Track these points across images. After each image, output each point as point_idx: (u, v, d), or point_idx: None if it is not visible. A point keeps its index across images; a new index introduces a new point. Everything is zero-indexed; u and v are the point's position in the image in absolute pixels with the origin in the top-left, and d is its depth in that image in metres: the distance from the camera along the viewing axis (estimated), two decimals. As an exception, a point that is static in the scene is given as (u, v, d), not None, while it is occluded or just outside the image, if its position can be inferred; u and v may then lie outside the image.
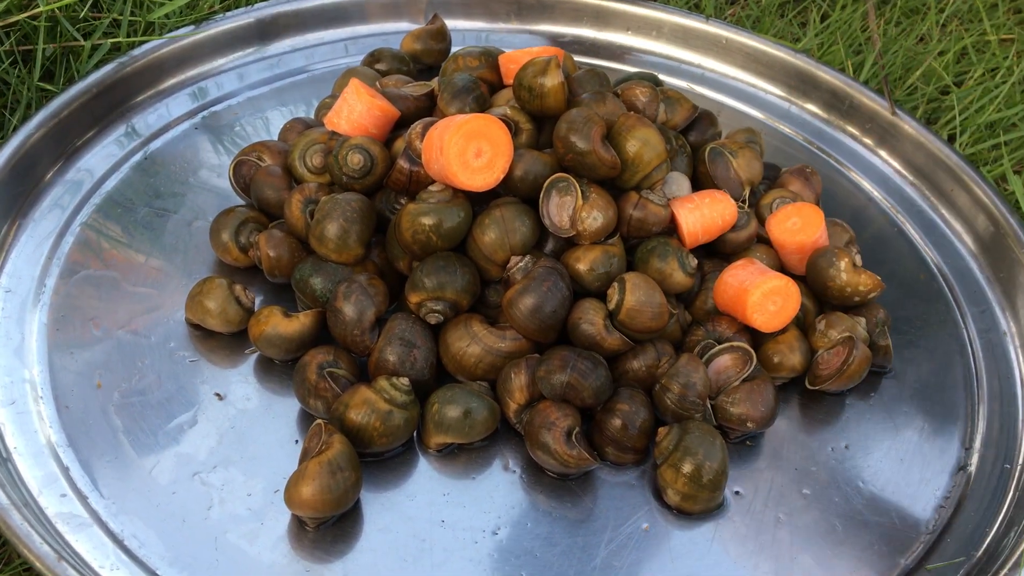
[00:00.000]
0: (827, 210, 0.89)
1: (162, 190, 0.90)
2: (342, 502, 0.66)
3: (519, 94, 0.81)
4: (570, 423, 0.70)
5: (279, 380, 0.77)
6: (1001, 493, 0.76)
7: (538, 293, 0.72)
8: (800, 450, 0.77)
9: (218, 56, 1.03)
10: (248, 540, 0.67)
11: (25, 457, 0.70)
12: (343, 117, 0.83)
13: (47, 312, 0.79)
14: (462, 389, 0.72)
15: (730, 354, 0.77)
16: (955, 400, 0.82)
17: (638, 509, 0.71)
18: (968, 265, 0.94)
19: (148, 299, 0.81)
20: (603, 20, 1.13)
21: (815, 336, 0.80)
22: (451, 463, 0.73)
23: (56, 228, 0.85)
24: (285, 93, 1.02)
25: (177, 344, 0.78)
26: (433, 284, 0.73)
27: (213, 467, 0.71)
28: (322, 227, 0.76)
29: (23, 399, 0.73)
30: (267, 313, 0.76)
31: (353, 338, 0.74)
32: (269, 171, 0.84)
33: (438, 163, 0.73)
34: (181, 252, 0.85)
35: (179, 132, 0.96)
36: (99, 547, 0.65)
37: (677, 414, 0.73)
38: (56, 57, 0.98)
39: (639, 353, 0.75)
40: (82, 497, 0.68)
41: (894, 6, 1.31)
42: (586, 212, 0.75)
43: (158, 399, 0.74)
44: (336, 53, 1.07)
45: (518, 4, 1.12)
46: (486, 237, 0.75)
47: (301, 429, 0.74)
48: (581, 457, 0.70)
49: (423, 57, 1.03)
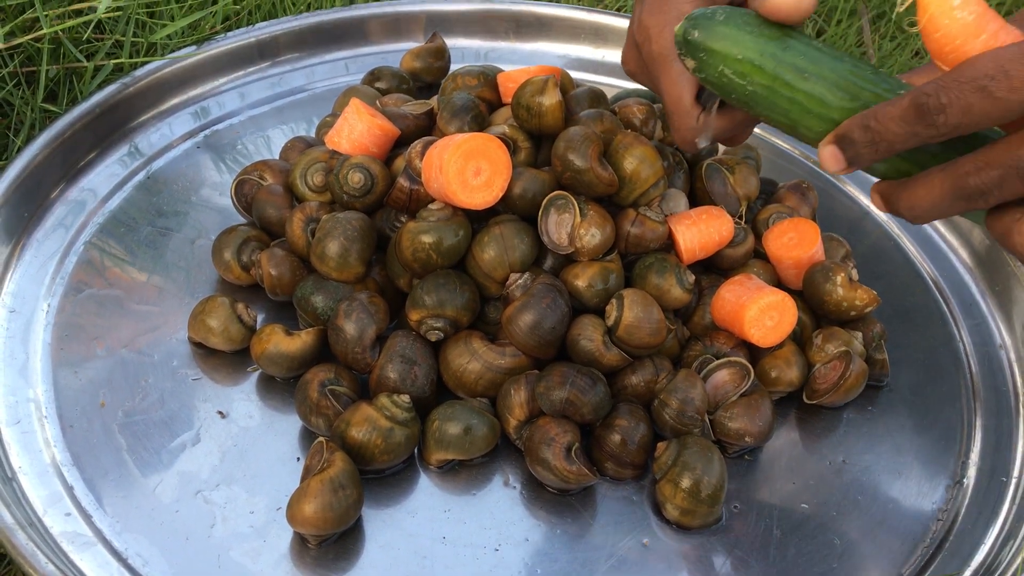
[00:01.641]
0: (824, 225, 0.90)
1: (165, 209, 0.91)
2: (344, 519, 0.67)
3: (517, 113, 0.82)
4: (569, 439, 0.71)
5: (281, 398, 0.77)
6: (998, 506, 0.76)
7: (537, 310, 0.73)
8: (798, 464, 0.77)
9: (219, 76, 1.04)
10: (251, 558, 0.67)
11: (30, 476, 0.70)
12: (344, 136, 0.84)
13: (51, 331, 0.80)
14: (462, 406, 0.73)
15: (728, 369, 0.77)
16: (951, 413, 0.82)
17: (638, 524, 0.72)
18: (964, 278, 0.95)
19: (151, 318, 0.82)
20: (601, 37, 1.14)
21: (812, 351, 0.81)
22: (452, 480, 0.73)
23: (60, 248, 0.86)
24: (286, 112, 1.03)
25: (180, 363, 0.79)
26: (433, 301, 0.74)
27: (216, 485, 0.71)
28: (323, 245, 0.77)
29: (28, 418, 0.74)
30: (269, 331, 0.77)
31: (354, 355, 0.75)
32: (271, 190, 0.85)
33: (437, 182, 0.74)
34: (183, 271, 0.86)
35: (181, 151, 0.97)
36: (103, 566, 0.66)
37: (675, 429, 0.74)
38: (59, 78, 0.99)
39: (637, 369, 0.76)
40: (86, 516, 0.69)
41: (889, 21, 1.32)
42: (584, 229, 0.76)
43: (161, 417, 0.75)
44: (336, 72, 1.08)
45: (516, 22, 1.13)
46: (485, 255, 0.76)
47: (303, 447, 0.74)
48: (581, 473, 0.70)
49: (423, 75, 1.04)
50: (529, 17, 1.13)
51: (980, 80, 0.53)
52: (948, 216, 0.59)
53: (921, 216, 0.59)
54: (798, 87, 0.62)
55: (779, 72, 0.62)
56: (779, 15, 0.62)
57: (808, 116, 0.62)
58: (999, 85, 0.52)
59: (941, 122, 0.55)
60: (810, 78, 0.62)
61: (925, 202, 0.58)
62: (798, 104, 0.62)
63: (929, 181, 0.57)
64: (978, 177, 0.55)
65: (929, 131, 0.55)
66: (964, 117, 0.54)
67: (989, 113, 0.53)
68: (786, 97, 0.62)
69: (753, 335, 0.77)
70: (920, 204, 0.58)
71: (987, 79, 0.53)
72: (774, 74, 0.62)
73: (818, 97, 0.62)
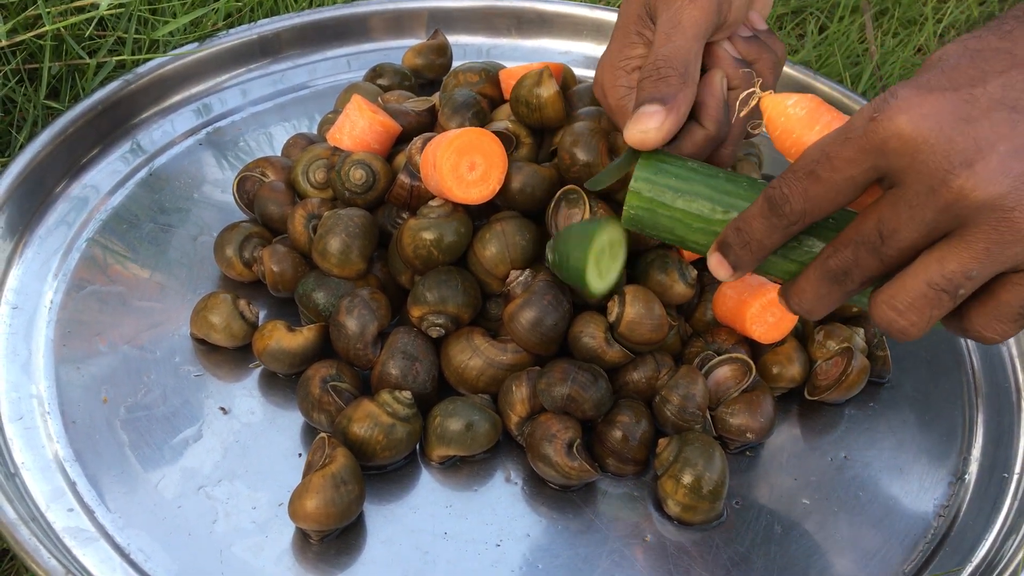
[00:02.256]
0: (825, 221, 0.90)
1: (167, 206, 0.91)
2: (346, 515, 0.67)
3: (517, 109, 0.82)
4: (571, 435, 0.71)
5: (283, 394, 0.78)
6: (999, 502, 0.76)
7: (539, 307, 0.73)
8: (799, 460, 0.77)
9: (222, 72, 1.04)
10: (253, 553, 0.68)
11: (32, 472, 0.71)
12: (345, 133, 0.84)
13: (54, 328, 0.80)
14: (464, 402, 0.73)
15: (729, 365, 0.77)
16: (953, 410, 0.83)
17: (639, 520, 0.72)
18: (966, 275, 0.94)
19: (153, 314, 0.82)
20: (603, 33, 1.14)
21: (813, 347, 0.81)
22: (453, 475, 0.74)
23: (63, 244, 0.86)
24: (288, 109, 1.03)
25: (182, 359, 0.79)
26: (435, 298, 0.74)
27: (218, 481, 0.71)
28: (325, 242, 0.77)
29: (30, 414, 0.74)
30: (271, 327, 0.77)
31: (356, 352, 0.75)
32: (272, 187, 0.85)
33: (433, 179, 0.74)
34: (186, 267, 0.86)
35: (183, 148, 0.97)
36: (106, 561, 0.66)
37: (677, 425, 0.74)
38: (62, 75, 0.99)
39: (639, 365, 0.76)
40: (89, 511, 0.69)
41: (892, 17, 1.32)
42: None
43: (163, 413, 0.75)
44: (338, 68, 1.08)
45: (518, 19, 1.13)
46: (487, 251, 0.76)
47: (305, 442, 0.74)
48: (583, 469, 0.70)
49: (425, 72, 1.04)
50: (531, 14, 1.13)
51: (809, 166, 0.56)
52: (835, 305, 0.60)
53: (811, 309, 0.61)
54: (676, 207, 0.65)
55: (655, 195, 0.65)
56: (636, 144, 0.67)
57: (692, 232, 0.65)
58: (823, 168, 0.55)
59: (788, 211, 0.58)
60: (687, 196, 0.64)
61: (807, 293, 0.60)
62: (680, 222, 0.65)
63: (807, 274, 0.60)
64: (835, 259, 0.58)
65: (782, 221, 0.58)
66: (805, 203, 0.57)
67: (823, 195, 0.56)
68: (667, 217, 0.65)
69: (755, 331, 0.77)
70: (805, 297, 0.61)
71: (814, 164, 0.56)
72: (650, 198, 0.65)
73: (695, 213, 0.64)
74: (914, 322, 0.56)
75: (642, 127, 0.66)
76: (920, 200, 0.53)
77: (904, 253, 0.55)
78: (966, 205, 0.52)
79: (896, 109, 0.53)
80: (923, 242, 0.55)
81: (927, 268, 0.55)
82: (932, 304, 0.55)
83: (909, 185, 0.53)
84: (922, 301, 0.55)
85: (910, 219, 0.54)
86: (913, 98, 0.53)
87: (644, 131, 0.66)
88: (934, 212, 0.53)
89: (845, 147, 0.55)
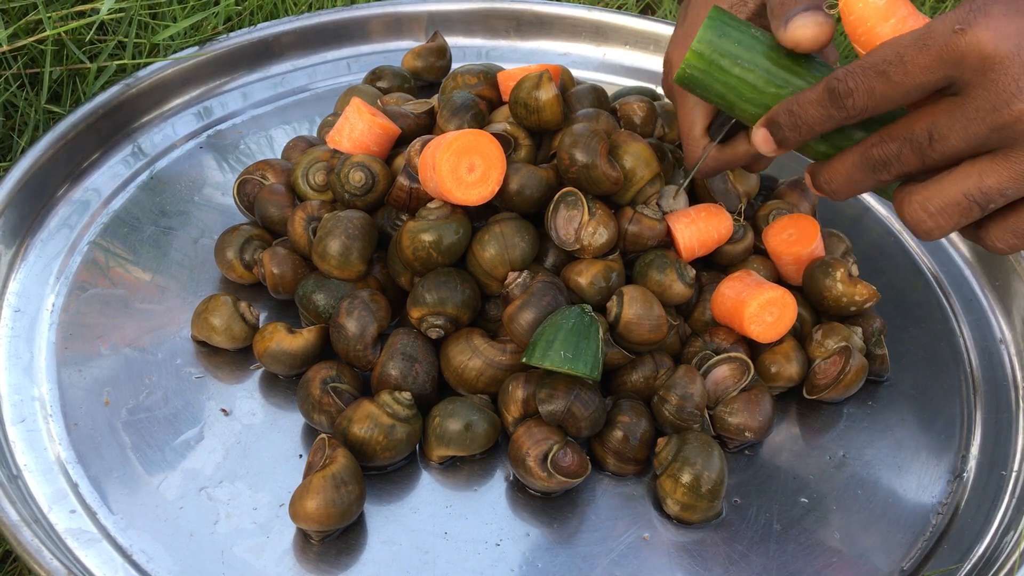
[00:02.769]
0: (824, 221, 0.90)
1: (168, 209, 0.91)
2: (346, 515, 0.67)
3: (515, 111, 0.82)
4: (545, 448, 0.70)
5: (283, 395, 0.78)
6: (997, 499, 0.76)
7: (538, 308, 0.73)
8: (798, 459, 0.78)
9: (222, 76, 1.04)
10: (254, 554, 0.68)
11: (35, 474, 0.71)
12: (345, 135, 0.85)
13: (56, 330, 0.80)
14: (463, 402, 0.74)
15: (728, 365, 0.77)
16: (951, 408, 0.83)
17: (638, 519, 0.72)
18: (964, 273, 0.95)
19: (154, 316, 0.82)
20: (602, 35, 1.14)
21: (812, 346, 0.81)
22: (453, 475, 0.74)
23: (64, 247, 0.87)
24: (288, 111, 1.03)
25: (183, 361, 0.79)
26: (434, 299, 0.75)
27: (219, 482, 0.72)
28: (324, 244, 0.77)
29: (33, 417, 0.74)
30: (271, 329, 0.77)
31: (356, 353, 0.75)
32: (272, 189, 0.85)
33: (432, 180, 0.75)
34: (187, 270, 0.86)
35: (184, 151, 0.98)
36: (108, 562, 0.67)
37: (675, 425, 0.74)
38: (63, 80, 1.00)
39: (637, 365, 0.76)
40: (91, 513, 0.69)
41: None
42: (592, 228, 0.76)
43: (165, 415, 0.76)
44: (338, 71, 1.09)
45: (517, 20, 1.14)
46: (486, 253, 0.76)
47: (305, 443, 0.75)
48: (558, 481, 0.70)
49: (424, 74, 1.04)
50: (530, 16, 1.14)
51: (880, 66, 0.58)
52: (861, 191, 0.63)
53: (838, 190, 0.64)
54: (732, 73, 0.66)
55: (714, 59, 0.66)
56: (795, 46, 0.65)
57: (743, 100, 0.66)
58: (896, 70, 0.57)
59: (850, 105, 0.60)
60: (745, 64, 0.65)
61: (840, 175, 0.63)
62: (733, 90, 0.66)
63: (843, 157, 0.63)
64: (880, 149, 0.60)
65: (841, 113, 0.60)
66: (869, 100, 0.59)
67: (889, 96, 0.58)
68: (720, 82, 0.66)
69: (753, 331, 0.77)
70: (836, 177, 0.64)
71: (886, 64, 0.58)
72: (710, 59, 0.66)
73: (750, 83, 0.66)
74: (940, 225, 0.59)
75: (810, 20, 0.62)
76: (980, 115, 0.55)
77: (947, 159, 0.58)
78: (1021, 129, 0.54)
79: (983, 26, 0.54)
80: (968, 153, 0.57)
81: (966, 178, 0.57)
82: (962, 212, 0.58)
83: (973, 98, 0.55)
84: (954, 208, 0.58)
85: (964, 129, 0.56)
86: (1002, 16, 0.54)
87: (816, 22, 0.62)
88: (989, 129, 0.55)
89: (923, 54, 0.56)
